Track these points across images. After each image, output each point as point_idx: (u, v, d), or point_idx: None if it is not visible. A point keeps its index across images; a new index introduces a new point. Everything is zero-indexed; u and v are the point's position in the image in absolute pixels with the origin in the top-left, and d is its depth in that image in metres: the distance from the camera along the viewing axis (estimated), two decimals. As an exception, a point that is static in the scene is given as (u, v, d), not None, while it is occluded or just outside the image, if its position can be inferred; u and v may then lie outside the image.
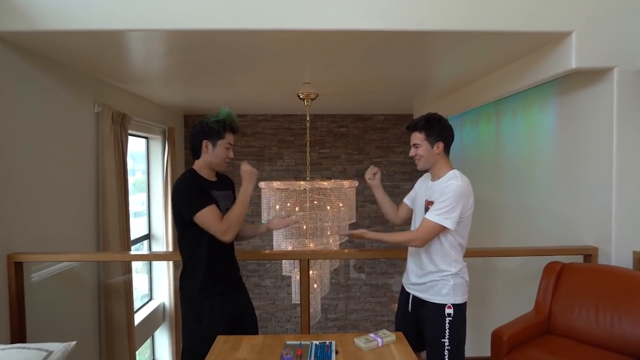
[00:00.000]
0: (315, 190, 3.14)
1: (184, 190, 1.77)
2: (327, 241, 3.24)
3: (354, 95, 4.30)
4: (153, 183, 4.79)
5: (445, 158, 1.91)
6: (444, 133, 1.88)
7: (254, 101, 4.75)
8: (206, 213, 1.73)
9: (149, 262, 4.72)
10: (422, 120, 1.89)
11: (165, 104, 4.75)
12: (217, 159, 1.87)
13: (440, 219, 1.78)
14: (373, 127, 5.77)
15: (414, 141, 1.91)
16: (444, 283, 1.86)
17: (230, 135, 1.89)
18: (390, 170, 5.79)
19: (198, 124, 1.86)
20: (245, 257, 2.46)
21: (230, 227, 1.76)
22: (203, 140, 1.84)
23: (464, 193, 1.79)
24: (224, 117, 1.86)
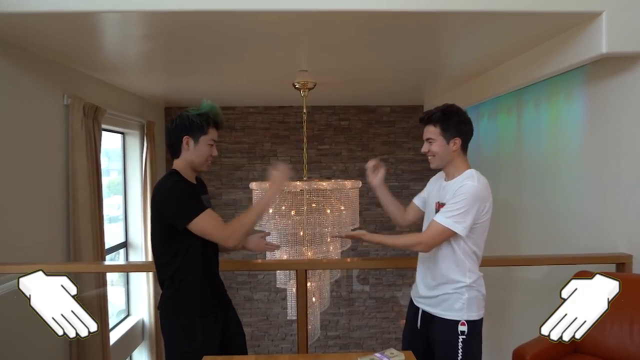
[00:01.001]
0: (314, 191, 3.13)
1: (176, 197, 1.74)
2: (327, 249, 3.24)
3: (356, 84, 4.30)
4: (130, 184, 4.78)
5: (462, 156, 1.90)
6: (462, 128, 1.87)
7: (244, 91, 4.75)
8: (205, 219, 1.72)
9: (126, 273, 4.71)
10: (437, 112, 1.88)
11: (143, 95, 4.74)
12: (200, 158, 1.85)
13: (449, 223, 1.78)
14: (378, 120, 5.77)
15: (428, 135, 1.90)
16: (457, 296, 1.85)
17: (213, 130, 1.87)
18: (398, 169, 5.79)
19: (177, 118, 1.85)
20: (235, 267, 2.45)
21: (234, 232, 1.75)
22: (183, 137, 1.83)
23: (479, 195, 1.79)
24: (206, 110, 1.85)
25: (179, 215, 1.73)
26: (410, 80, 4.24)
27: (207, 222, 1.72)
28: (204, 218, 1.72)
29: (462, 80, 4.13)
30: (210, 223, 1.73)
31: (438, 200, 1.92)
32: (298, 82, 3.69)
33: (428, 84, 4.48)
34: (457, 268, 1.85)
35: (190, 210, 1.72)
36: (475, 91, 4.05)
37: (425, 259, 1.97)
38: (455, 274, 1.86)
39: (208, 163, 1.90)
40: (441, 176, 2.01)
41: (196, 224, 1.72)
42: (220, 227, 1.74)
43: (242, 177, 5.68)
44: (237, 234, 1.76)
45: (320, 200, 3.17)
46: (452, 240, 1.84)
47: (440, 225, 1.79)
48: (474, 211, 1.77)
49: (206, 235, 1.74)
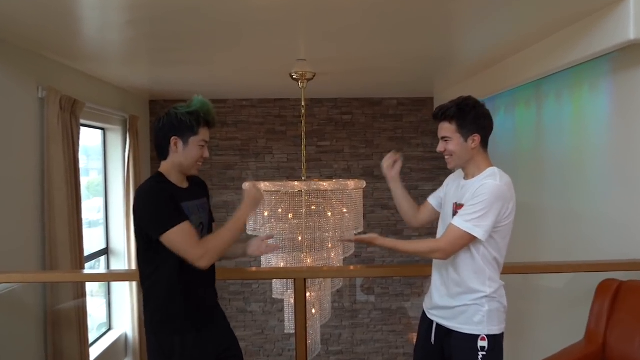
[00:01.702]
0: (313, 192, 3.13)
1: (150, 203, 1.73)
2: (328, 256, 3.24)
3: (360, 74, 4.29)
4: (112, 185, 4.78)
5: (483, 153, 1.90)
6: (481, 122, 1.87)
7: (237, 83, 4.74)
8: (177, 233, 1.69)
9: (107, 283, 4.71)
10: (452, 106, 1.87)
11: (126, 87, 4.74)
12: (189, 160, 1.84)
13: (469, 227, 1.77)
14: (384, 113, 5.77)
15: (443, 134, 1.89)
16: (477, 308, 1.84)
17: (205, 130, 1.86)
18: (406, 167, 5.77)
19: (165, 117, 1.83)
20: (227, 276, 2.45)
21: (207, 253, 1.71)
22: (171, 137, 1.81)
23: (501, 196, 1.78)
24: (197, 107, 1.83)
25: (153, 224, 1.72)
26: (420, 70, 4.24)
27: (179, 237, 1.69)
28: (176, 232, 1.69)
29: (476, 69, 4.12)
30: (182, 239, 1.70)
31: (456, 201, 1.91)
32: (296, 72, 3.68)
33: (439, 74, 4.48)
34: (477, 276, 1.85)
35: (164, 221, 1.70)
36: (491, 82, 4.04)
37: (441, 266, 1.96)
38: (475, 283, 1.85)
39: (198, 165, 1.89)
40: (460, 174, 2.01)
41: (168, 237, 1.69)
42: (192, 245, 1.70)
43: (234, 177, 5.68)
44: (210, 255, 1.73)
45: (320, 202, 3.17)
46: (472, 245, 1.83)
47: (459, 229, 1.79)
48: (495, 213, 1.77)
49: (177, 251, 1.71)
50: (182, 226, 1.70)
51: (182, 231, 1.70)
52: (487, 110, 1.90)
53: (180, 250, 1.71)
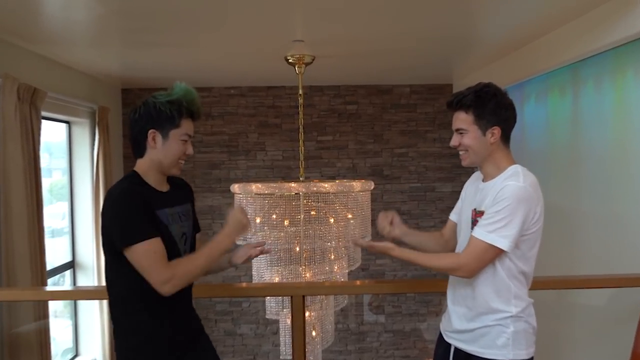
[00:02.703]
0: (313, 195, 3.14)
1: (119, 209, 1.73)
2: (331, 269, 3.24)
3: (366, 58, 4.30)
4: (78, 188, 4.78)
5: (504, 149, 1.90)
6: (501, 113, 1.87)
7: (224, 68, 4.74)
8: (143, 250, 1.69)
9: (74, 301, 4.72)
10: (469, 94, 1.87)
11: (95, 73, 4.74)
12: (170, 157, 1.84)
13: (492, 238, 1.77)
14: (395, 103, 5.77)
15: (459, 125, 1.90)
16: (501, 330, 1.84)
17: (188, 122, 1.86)
18: (420, 165, 5.79)
19: (142, 106, 1.84)
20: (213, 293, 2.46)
21: (173, 278, 1.71)
22: (149, 130, 1.81)
23: (526, 198, 1.78)
24: (179, 96, 1.83)
25: (118, 234, 1.72)
26: (436, 53, 4.24)
27: (144, 254, 1.69)
28: (143, 248, 1.69)
29: (502, 52, 4.12)
30: (147, 257, 1.69)
31: (475, 207, 1.91)
32: (292, 55, 3.68)
33: (458, 57, 4.47)
34: (500, 293, 1.85)
35: (131, 232, 1.70)
36: (519, 66, 4.04)
37: (458, 280, 1.96)
38: (497, 301, 1.85)
39: (180, 164, 1.89)
40: (478, 177, 2.01)
41: (132, 252, 1.69)
42: (157, 267, 1.70)
43: (221, 178, 5.69)
44: (176, 281, 1.72)
45: (321, 207, 3.17)
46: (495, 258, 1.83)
47: (482, 242, 1.79)
48: (520, 219, 1.77)
49: (140, 270, 1.71)
50: (151, 243, 1.70)
51: (149, 249, 1.69)
52: (509, 100, 1.90)
53: (144, 270, 1.71)
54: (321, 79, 5.39)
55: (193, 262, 1.79)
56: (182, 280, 1.75)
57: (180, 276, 1.73)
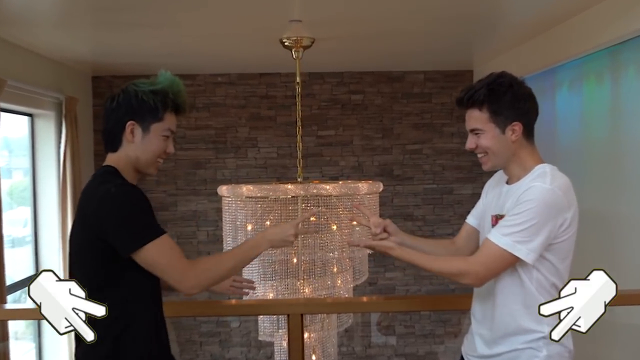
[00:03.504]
0: (313, 198, 3.14)
1: (124, 210, 1.73)
2: (333, 283, 3.24)
3: (374, 40, 4.30)
4: (42, 190, 4.78)
5: (528, 146, 1.91)
6: (521, 106, 1.87)
7: (210, 52, 4.75)
8: (162, 247, 1.72)
9: (37, 321, 4.71)
10: (481, 88, 1.87)
11: (61, 59, 4.75)
12: (148, 154, 1.85)
13: (508, 243, 1.78)
14: (407, 92, 5.78)
15: (473, 125, 1.90)
16: (532, 354, 1.84)
17: (172, 117, 1.88)
18: (437, 164, 5.80)
19: (121, 94, 1.84)
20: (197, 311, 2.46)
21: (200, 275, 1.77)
22: (128, 122, 1.82)
23: (554, 203, 1.79)
24: (164, 85, 1.85)
25: (127, 236, 1.72)
26: (454, 34, 4.25)
27: (164, 252, 1.72)
28: (160, 246, 1.72)
29: (530, 33, 4.12)
30: (166, 254, 1.73)
31: (496, 213, 1.92)
32: (288, 37, 3.68)
33: (480, 39, 4.48)
34: (529, 310, 1.84)
35: (144, 232, 1.72)
36: (550, 50, 4.04)
37: (483, 295, 1.97)
38: (527, 319, 1.85)
39: (159, 163, 1.90)
40: (501, 178, 2.02)
41: (148, 252, 1.71)
42: (181, 263, 1.74)
43: (206, 179, 5.69)
44: (203, 279, 1.78)
45: (322, 212, 3.17)
46: (520, 268, 1.84)
47: (496, 246, 1.79)
48: (547, 226, 1.77)
49: (158, 270, 1.75)
50: (164, 239, 1.74)
51: (167, 245, 1.74)
52: (528, 89, 1.91)
53: (162, 269, 1.74)
54: (322, 65, 5.39)
55: (221, 261, 1.84)
56: (204, 280, 1.79)
57: (209, 274, 1.79)
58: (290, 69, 4.13)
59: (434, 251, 2.16)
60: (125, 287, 1.78)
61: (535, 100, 1.91)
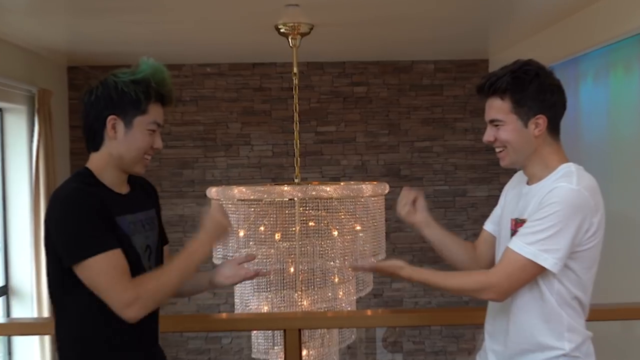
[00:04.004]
0: (312, 201, 3.14)
1: (66, 215, 1.73)
2: (334, 295, 3.24)
3: (378, 26, 4.30)
4: (12, 191, 4.78)
5: (552, 143, 1.90)
6: (547, 98, 1.87)
7: (197, 40, 4.74)
8: (100, 264, 1.69)
9: (7, 337, 4.71)
10: (505, 75, 1.87)
11: (34, 47, 4.74)
12: (133, 151, 1.85)
13: (533, 252, 1.77)
14: (415, 84, 5.78)
15: (493, 115, 1.90)
16: (552, 372, 1.86)
17: (157, 108, 1.88)
18: (448, 163, 5.79)
19: (99, 87, 1.84)
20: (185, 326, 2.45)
21: (138, 299, 1.71)
22: (109, 116, 1.82)
23: (581, 205, 1.78)
24: (146, 74, 1.84)
25: (69, 246, 1.72)
26: (468, 20, 4.24)
27: (100, 270, 1.69)
28: (100, 264, 1.69)
29: (552, 18, 4.12)
30: (105, 273, 1.69)
31: (516, 217, 1.92)
32: (284, 23, 3.68)
33: (496, 25, 4.48)
34: (549, 325, 1.85)
35: (83, 244, 1.70)
36: (573, 37, 4.03)
37: (498, 310, 1.96)
38: (547, 335, 1.85)
39: (146, 160, 1.90)
40: (522, 179, 2.01)
41: (85, 268, 1.69)
42: (118, 285, 1.70)
43: (194, 180, 5.69)
44: (143, 303, 1.72)
45: (322, 216, 3.17)
46: (540, 278, 1.83)
47: (520, 256, 1.78)
48: (572, 231, 1.76)
49: (97, 291, 1.71)
50: (109, 256, 1.70)
51: (107, 263, 1.70)
52: (556, 80, 1.91)
53: (101, 291, 1.71)
54: (321, 54, 5.39)
55: (162, 277, 1.79)
56: (150, 301, 1.75)
57: (148, 295, 1.73)
58: (287, 59, 4.13)
59: (454, 249, 2.16)
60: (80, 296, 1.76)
61: (563, 93, 1.91)
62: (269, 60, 5.63)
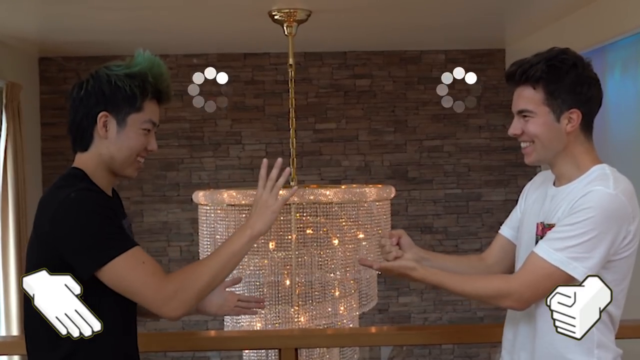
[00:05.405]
0: (310, 206, 3.14)
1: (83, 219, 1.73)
2: (335, 310, 3.24)
3: (383, 13, 4.31)
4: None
5: (585, 142, 1.91)
6: (584, 91, 1.87)
7: (183, 27, 4.75)
8: (131, 262, 1.71)
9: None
10: (540, 62, 1.87)
11: (1, 36, 4.75)
12: (125, 152, 1.86)
13: (562, 260, 1.78)
14: (424, 76, 5.79)
15: (523, 105, 1.90)
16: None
17: (153, 105, 1.89)
18: (461, 163, 5.79)
19: (90, 80, 1.85)
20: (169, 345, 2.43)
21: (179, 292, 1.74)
22: (100, 113, 1.82)
23: (618, 212, 1.79)
24: (142, 67, 1.85)
25: (89, 251, 1.72)
26: (482, 6, 4.25)
27: (134, 268, 1.72)
28: (129, 261, 1.71)
29: (573, 4, 4.13)
30: (141, 270, 1.72)
31: (542, 220, 1.92)
32: (279, 10, 3.69)
33: (513, 11, 4.48)
34: (579, 341, 1.83)
35: (109, 244, 1.71)
36: (598, 25, 4.04)
37: (518, 320, 1.97)
38: (576, 351, 1.85)
39: (139, 163, 1.92)
40: (547, 178, 2.02)
41: (114, 269, 1.70)
42: (156, 279, 1.73)
43: (179, 182, 5.69)
44: (184, 297, 1.75)
45: (320, 223, 3.17)
46: None
47: (546, 263, 1.79)
48: (608, 240, 1.77)
49: (128, 291, 1.74)
50: (134, 252, 1.73)
51: (135, 259, 1.72)
52: (594, 74, 1.91)
53: (134, 290, 1.73)
54: (320, 44, 5.41)
55: (203, 268, 1.81)
56: (191, 295, 1.77)
57: (189, 290, 1.76)
58: (282, 48, 4.13)
59: (459, 269, 2.15)
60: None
61: (600, 88, 1.91)
62: (262, 51, 5.64)
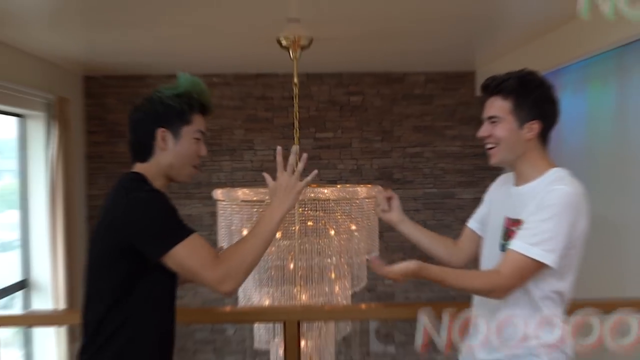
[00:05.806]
0: (310, 202, 3.14)
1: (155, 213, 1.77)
2: (331, 290, 3.24)
3: (374, 40, 4.31)
4: (32, 193, 4.78)
5: (541, 149, 1.92)
6: (546, 108, 1.90)
7: (204, 52, 4.75)
8: (193, 247, 1.74)
9: (26, 328, 4.70)
10: (512, 79, 1.90)
11: (52, 58, 4.74)
12: (183, 159, 1.90)
13: (538, 253, 1.77)
14: (408, 93, 5.78)
15: (493, 112, 1.92)
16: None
17: (199, 118, 1.93)
18: (437, 167, 5.79)
19: (145, 103, 1.90)
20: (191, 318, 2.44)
21: (231, 272, 1.76)
22: (157, 129, 1.86)
23: (577, 206, 1.81)
24: (186, 87, 1.91)
25: (158, 238, 1.75)
26: (456, 35, 4.25)
27: (194, 252, 1.74)
28: (191, 245, 1.74)
29: (534, 33, 4.13)
30: (199, 254, 1.74)
31: (508, 215, 1.92)
32: (286, 37, 3.68)
33: (483, 39, 4.48)
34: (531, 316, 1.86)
35: (175, 233, 1.75)
36: (554, 51, 4.04)
37: (482, 302, 1.97)
38: (528, 325, 1.85)
39: (193, 170, 1.95)
40: (508, 179, 2.02)
41: (179, 253, 1.74)
42: (212, 263, 1.75)
43: (201, 182, 5.68)
44: (237, 275, 1.78)
45: (319, 216, 3.17)
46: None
47: (524, 257, 1.78)
48: (567, 230, 1.78)
49: (189, 272, 1.76)
50: (194, 238, 1.76)
51: (194, 244, 1.75)
52: (555, 95, 1.93)
53: (194, 271, 1.75)
54: (320, 66, 5.40)
55: (244, 246, 1.83)
56: (240, 273, 1.79)
57: (236, 268, 1.78)
58: (288, 70, 4.12)
59: (434, 245, 2.21)
60: (141, 298, 1.81)
61: (558, 107, 1.93)
62: (271, 71, 5.63)
